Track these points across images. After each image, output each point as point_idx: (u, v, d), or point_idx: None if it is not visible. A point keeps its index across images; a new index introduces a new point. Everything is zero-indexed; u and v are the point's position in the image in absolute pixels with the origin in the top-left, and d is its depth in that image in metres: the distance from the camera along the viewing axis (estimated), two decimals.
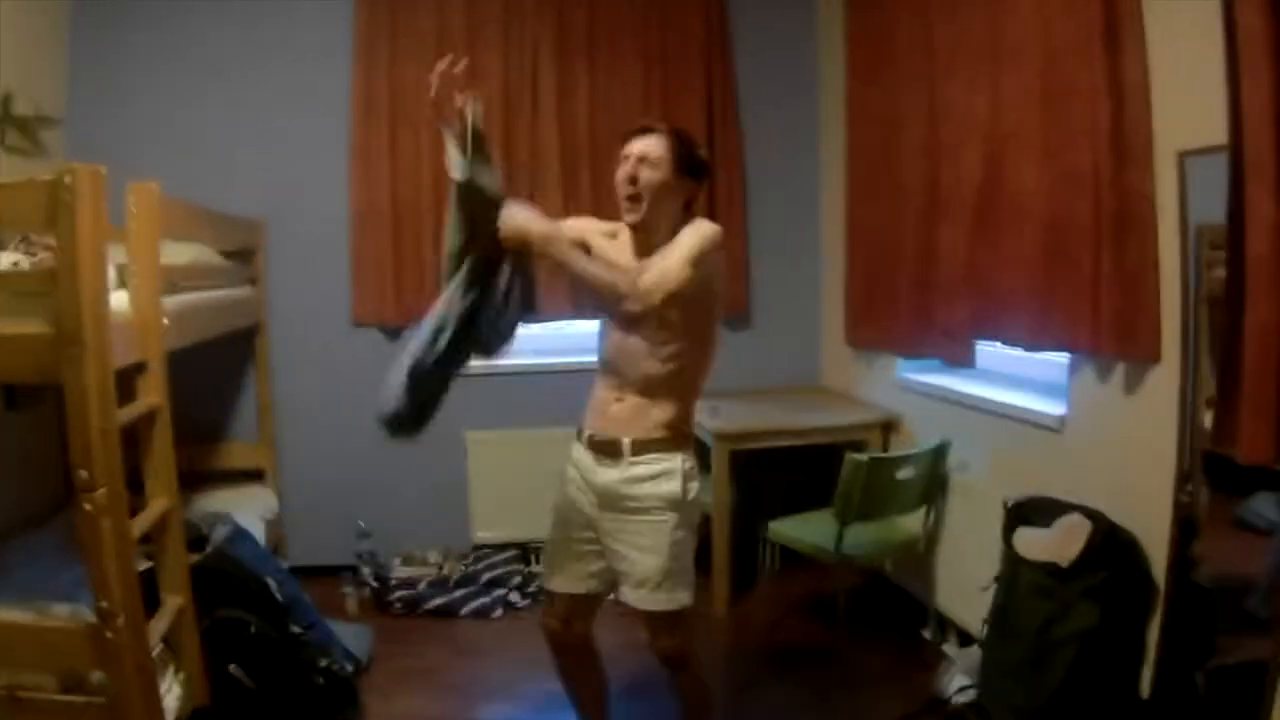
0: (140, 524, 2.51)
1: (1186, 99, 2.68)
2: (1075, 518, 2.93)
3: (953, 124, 3.70)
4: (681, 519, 2.56)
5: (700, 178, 2.60)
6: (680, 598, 2.60)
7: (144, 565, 2.63)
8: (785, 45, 5.14)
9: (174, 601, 2.72)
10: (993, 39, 3.43)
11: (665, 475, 2.53)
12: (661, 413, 2.55)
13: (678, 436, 2.58)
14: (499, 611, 4.38)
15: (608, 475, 2.57)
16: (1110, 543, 2.85)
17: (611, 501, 2.58)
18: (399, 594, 4.41)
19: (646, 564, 2.54)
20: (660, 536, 2.53)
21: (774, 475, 4.67)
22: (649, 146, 2.50)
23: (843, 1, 4.66)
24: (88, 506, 2.21)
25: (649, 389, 2.54)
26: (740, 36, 5.04)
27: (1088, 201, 2.96)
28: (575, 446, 2.71)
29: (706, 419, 3.98)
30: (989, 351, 3.85)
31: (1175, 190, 2.73)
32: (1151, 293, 2.82)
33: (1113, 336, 2.90)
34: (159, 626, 2.54)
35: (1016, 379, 3.84)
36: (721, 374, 2.97)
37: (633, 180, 2.47)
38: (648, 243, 2.53)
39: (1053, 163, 3.12)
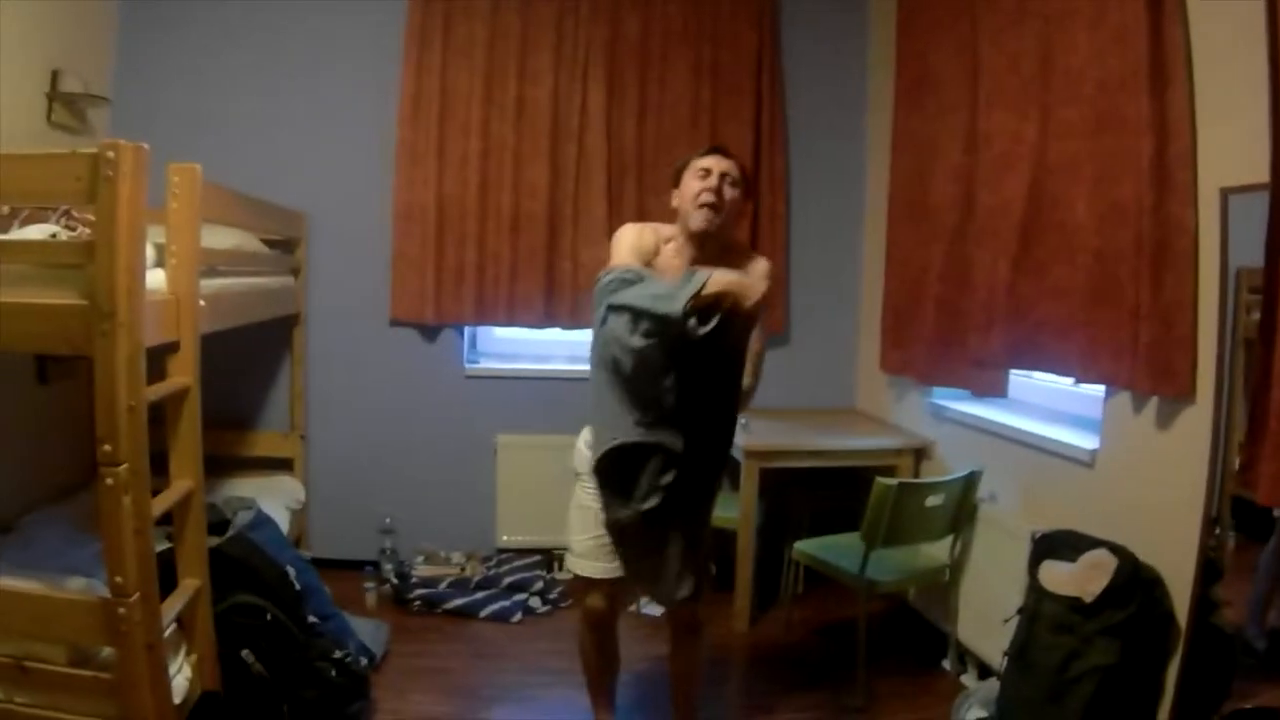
0: (161, 503, 2.51)
1: (1231, 136, 2.64)
2: (1101, 553, 2.90)
3: (996, 151, 3.66)
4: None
5: (749, 198, 3.03)
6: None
7: (163, 546, 2.63)
8: (835, 68, 5.12)
9: (190, 583, 2.71)
10: (1042, 69, 3.40)
11: None
12: None
13: None
14: (518, 616, 4.35)
15: None
16: (1134, 580, 2.80)
17: None
18: (419, 592, 4.40)
19: None
20: None
21: (802, 495, 4.63)
22: (732, 168, 2.83)
23: (894, 27, 4.62)
24: (109, 481, 2.21)
25: None
26: (791, 57, 5.04)
27: (1130, 234, 2.93)
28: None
29: (737, 435, 3.94)
30: (1022, 382, 3.82)
31: (1217, 227, 2.68)
32: (1189, 329, 2.77)
33: (1148, 371, 2.86)
34: (173, 607, 2.53)
35: (1049, 411, 3.80)
36: (756, 391, 3.00)
37: (718, 193, 2.76)
38: (701, 248, 2.83)
39: (1098, 194, 3.09)
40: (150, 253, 2.51)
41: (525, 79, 4.74)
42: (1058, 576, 2.96)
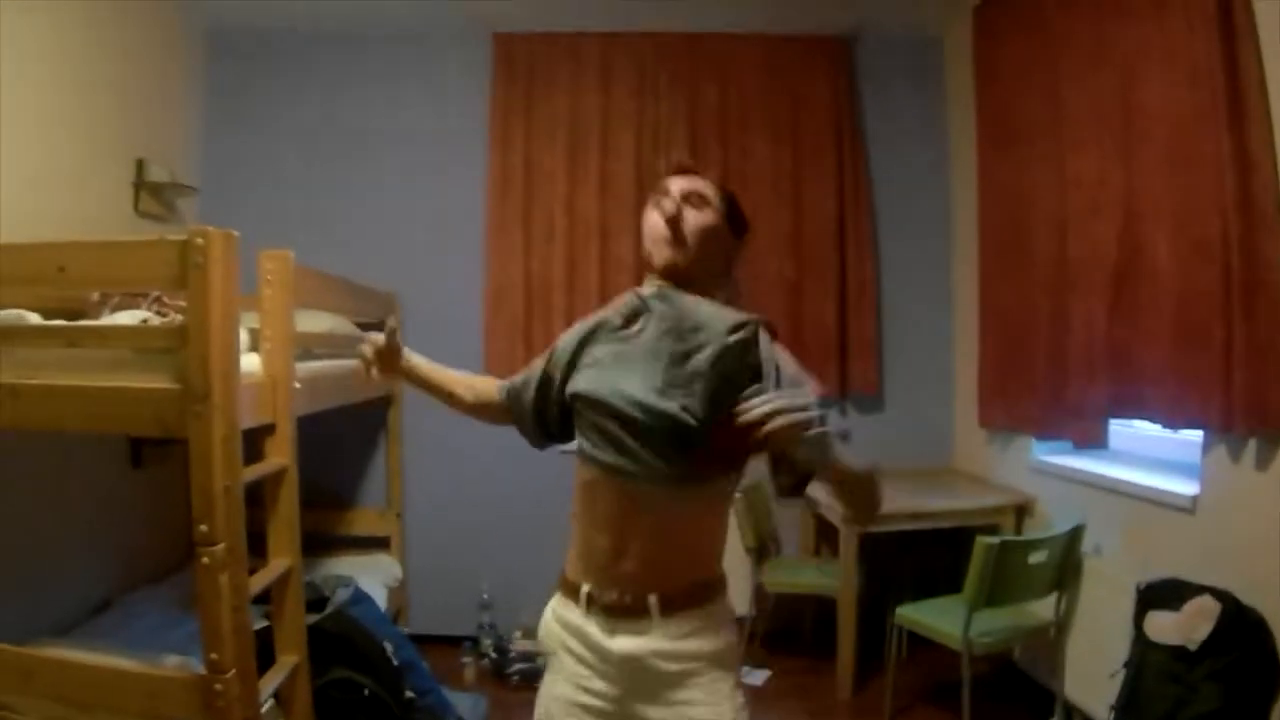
0: (258, 581, 2.56)
1: None
2: (1205, 599, 2.83)
3: (1084, 197, 3.61)
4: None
5: (743, 235, 2.03)
6: None
7: (260, 624, 2.68)
8: (915, 121, 5.09)
9: (288, 659, 2.75)
10: (1122, 110, 3.35)
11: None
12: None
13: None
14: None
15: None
16: (1238, 625, 2.75)
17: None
18: (517, 666, 4.39)
19: None
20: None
21: (903, 557, 4.52)
22: (695, 184, 1.97)
23: (972, 77, 4.59)
24: (206, 560, 2.27)
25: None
26: (871, 115, 5.03)
27: (1217, 272, 2.87)
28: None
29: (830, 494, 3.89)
30: (1122, 432, 3.73)
31: None
32: None
33: (1244, 412, 2.79)
34: (270, 683, 2.57)
35: (1150, 459, 3.69)
36: (855, 454, 2.91)
37: (675, 218, 1.90)
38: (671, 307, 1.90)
39: (1183, 234, 3.04)
40: (244, 337, 2.60)
41: (608, 153, 4.82)
42: (1162, 626, 2.91)
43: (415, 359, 2.29)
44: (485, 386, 2.31)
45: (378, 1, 4.57)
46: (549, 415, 2.10)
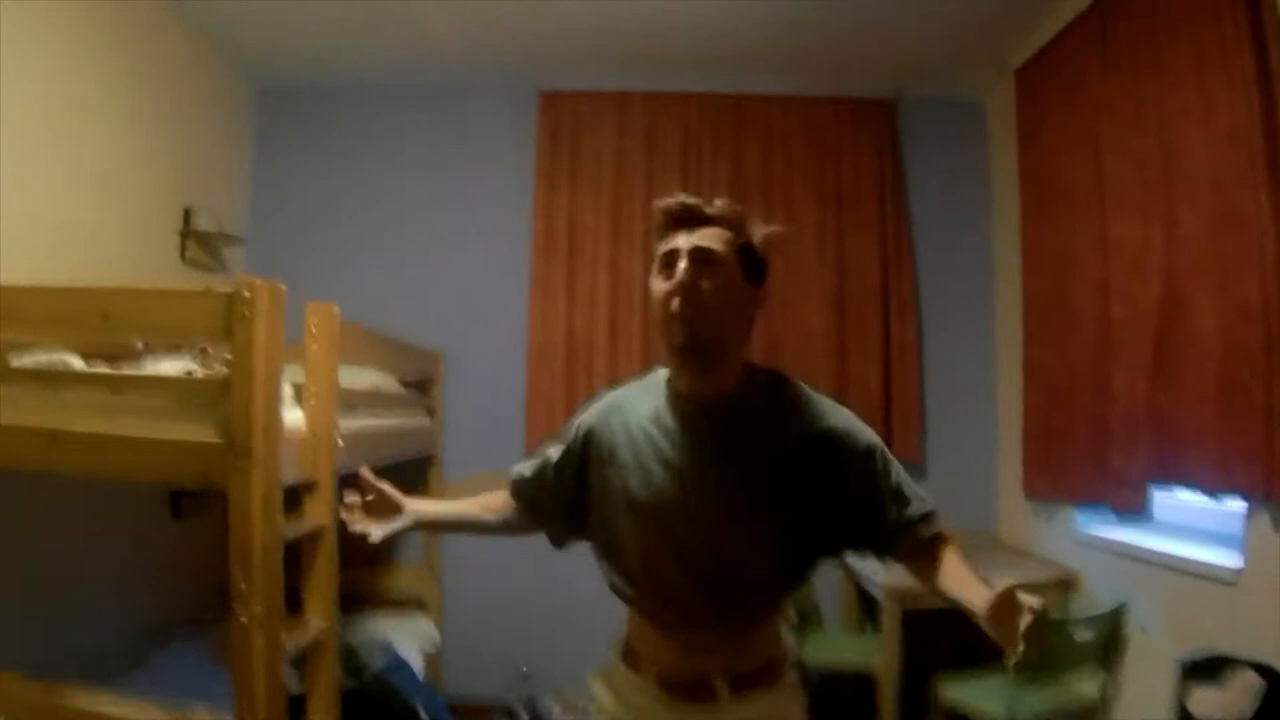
0: (295, 641, 2.50)
1: None
2: (1248, 674, 2.75)
3: (1126, 259, 3.54)
4: None
5: (764, 280, 1.78)
6: None
7: (296, 691, 2.61)
8: (958, 185, 5.05)
9: None
10: (1164, 171, 3.30)
11: None
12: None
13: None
14: None
15: None
16: None
17: None
18: None
19: None
20: None
21: (946, 632, 4.37)
22: (709, 239, 1.71)
23: (1014, 139, 4.55)
24: (242, 618, 2.21)
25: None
26: (914, 177, 4.99)
27: (1258, 335, 2.80)
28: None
29: (880, 573, 3.78)
30: (1166, 503, 3.64)
31: None
32: None
33: None
34: None
35: (1193, 530, 3.57)
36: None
37: (690, 288, 1.66)
38: (696, 392, 1.75)
39: (1223, 295, 2.97)
40: (288, 391, 2.56)
41: (652, 214, 4.78)
42: (1206, 701, 2.83)
43: (421, 505, 2.07)
44: (500, 501, 2.10)
45: (426, 58, 4.62)
46: (572, 506, 1.94)
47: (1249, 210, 2.84)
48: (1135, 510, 3.56)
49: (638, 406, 1.82)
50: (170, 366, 2.53)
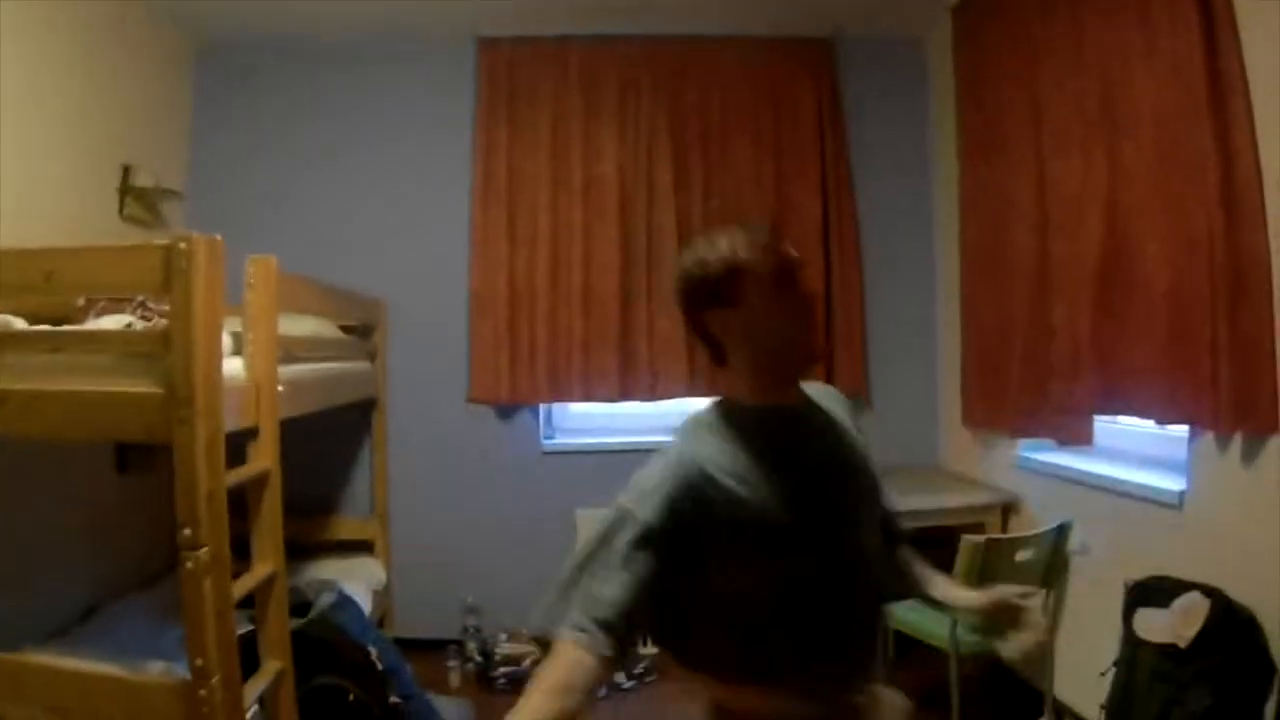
0: (243, 586, 2.56)
1: None
2: (1194, 597, 2.82)
3: (1067, 198, 3.61)
4: None
5: (728, 300, 1.70)
6: None
7: (245, 628, 2.67)
8: (899, 125, 5.11)
9: (273, 665, 2.75)
10: (1104, 108, 3.36)
11: None
12: None
13: None
14: (603, 692, 4.30)
15: None
16: (1228, 622, 2.73)
17: None
18: (503, 670, 4.38)
19: None
20: None
21: None
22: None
23: (955, 80, 4.61)
24: (190, 565, 2.26)
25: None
26: (854, 117, 5.03)
27: (1203, 268, 2.87)
28: None
29: None
30: (1108, 428, 3.71)
31: None
32: (1269, 361, 2.70)
33: (1230, 408, 2.79)
34: (255, 689, 2.57)
35: (1137, 456, 3.68)
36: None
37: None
38: (799, 412, 1.75)
39: (1169, 231, 3.04)
40: (227, 341, 2.59)
41: (591, 157, 4.82)
42: (1152, 624, 2.90)
43: None
44: (576, 674, 1.45)
45: (365, 8, 4.55)
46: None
47: (1193, 145, 2.88)
48: (1079, 440, 3.66)
49: (715, 458, 1.59)
50: (110, 322, 2.54)
